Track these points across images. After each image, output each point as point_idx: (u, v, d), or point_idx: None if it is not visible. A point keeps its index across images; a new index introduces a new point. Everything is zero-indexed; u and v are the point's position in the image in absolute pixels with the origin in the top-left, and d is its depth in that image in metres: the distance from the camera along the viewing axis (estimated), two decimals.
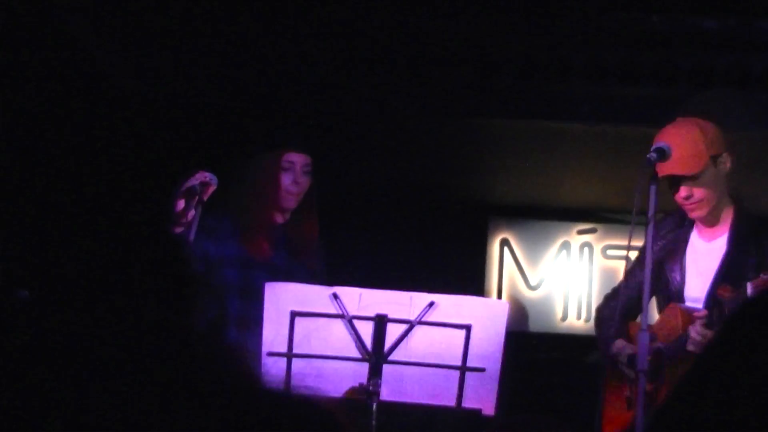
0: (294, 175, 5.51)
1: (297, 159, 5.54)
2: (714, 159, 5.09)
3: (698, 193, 5.09)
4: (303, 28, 6.58)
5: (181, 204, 5.16)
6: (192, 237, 5.10)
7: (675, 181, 5.07)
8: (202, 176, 5.20)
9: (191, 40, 6.90)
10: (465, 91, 6.65)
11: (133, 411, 0.94)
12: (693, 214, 5.18)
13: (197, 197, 5.15)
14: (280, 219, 5.56)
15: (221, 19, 6.83)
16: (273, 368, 4.64)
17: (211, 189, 5.21)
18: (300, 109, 6.63)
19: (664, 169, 4.99)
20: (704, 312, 4.97)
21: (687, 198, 5.09)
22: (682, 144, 5.05)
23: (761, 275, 4.79)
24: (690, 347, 4.90)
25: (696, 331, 4.90)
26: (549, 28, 6.40)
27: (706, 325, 4.90)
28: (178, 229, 5.13)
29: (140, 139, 6.70)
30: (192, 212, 5.12)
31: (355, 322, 4.65)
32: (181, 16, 6.75)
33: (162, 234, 6.65)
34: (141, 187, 6.61)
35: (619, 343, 5.18)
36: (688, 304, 5.16)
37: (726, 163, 5.13)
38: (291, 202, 5.50)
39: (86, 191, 6.31)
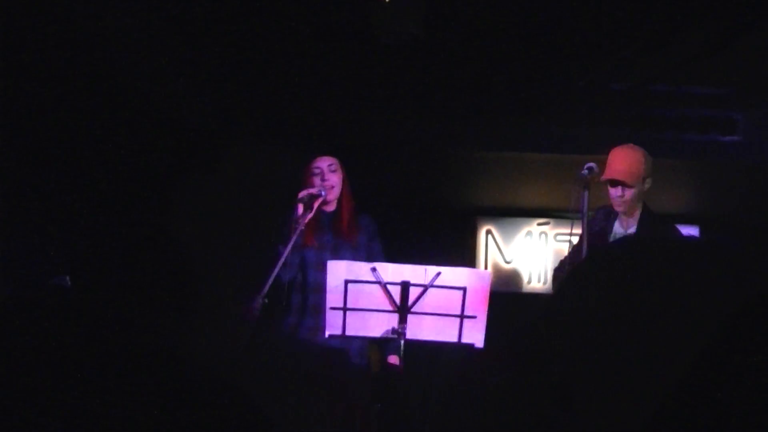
0: (321, 175, 5.20)
1: (322, 163, 5.22)
2: (643, 179, 5.17)
3: (627, 195, 5.16)
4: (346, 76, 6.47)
5: (299, 209, 5.06)
6: (297, 233, 4.91)
7: (615, 183, 5.15)
8: (314, 189, 5.12)
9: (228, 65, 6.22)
10: (463, 133, 6.73)
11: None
12: (617, 208, 5.24)
13: (308, 205, 5.06)
14: (328, 209, 5.27)
15: (268, 53, 6.23)
16: (334, 318, 4.73)
17: (320, 200, 5.09)
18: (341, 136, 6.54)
19: (615, 175, 5.09)
20: None
21: (619, 196, 5.16)
22: (630, 163, 5.15)
23: None
24: None
25: None
26: (518, 92, 6.47)
27: None
28: (296, 228, 4.94)
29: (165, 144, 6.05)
30: (306, 214, 5.02)
31: (389, 286, 4.71)
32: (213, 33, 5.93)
33: (168, 235, 6.19)
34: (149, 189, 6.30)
35: None
36: None
37: (649, 183, 5.21)
38: (329, 196, 5.17)
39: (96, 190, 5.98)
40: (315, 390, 4.93)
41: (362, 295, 4.71)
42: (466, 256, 7.42)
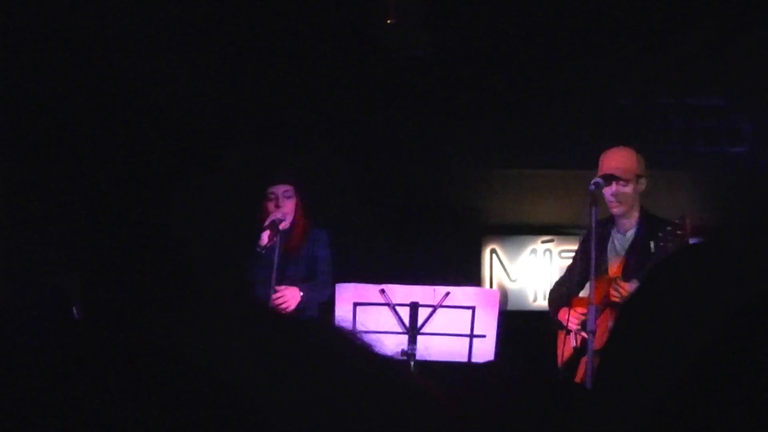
0: (276, 201, 5.34)
1: (278, 190, 5.35)
2: (637, 177, 5.08)
3: (622, 191, 5.06)
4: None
5: (265, 237, 5.21)
6: (276, 257, 5.10)
7: (609, 180, 5.05)
8: (277, 214, 5.27)
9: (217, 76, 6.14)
10: (468, 151, 6.72)
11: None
12: (615, 209, 5.13)
13: (276, 229, 5.21)
14: (283, 226, 5.32)
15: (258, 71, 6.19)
16: None
17: (283, 223, 5.26)
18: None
19: (607, 170, 4.98)
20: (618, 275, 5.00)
21: (614, 194, 5.05)
22: (623, 158, 5.07)
23: (676, 221, 4.76)
24: (613, 299, 4.89)
25: (612, 288, 4.90)
26: (521, 108, 6.46)
27: (618, 282, 4.91)
28: (263, 252, 5.18)
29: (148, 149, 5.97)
30: (274, 240, 5.16)
31: (397, 308, 4.66)
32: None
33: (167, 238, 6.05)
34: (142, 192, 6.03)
35: (563, 312, 5.15)
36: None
37: (643, 184, 5.12)
38: (283, 218, 5.31)
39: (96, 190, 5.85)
40: None
41: (371, 316, 4.65)
42: (472, 275, 7.36)
